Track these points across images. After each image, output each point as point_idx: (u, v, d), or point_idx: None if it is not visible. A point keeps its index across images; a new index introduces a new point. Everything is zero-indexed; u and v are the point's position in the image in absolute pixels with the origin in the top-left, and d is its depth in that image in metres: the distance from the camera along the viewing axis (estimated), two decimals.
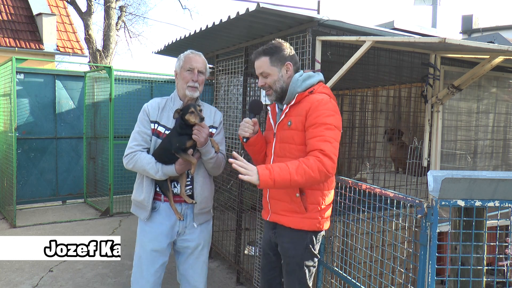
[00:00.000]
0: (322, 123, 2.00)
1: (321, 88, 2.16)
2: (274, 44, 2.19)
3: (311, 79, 2.16)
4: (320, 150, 1.94)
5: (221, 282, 3.91)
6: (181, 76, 2.42)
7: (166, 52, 4.68)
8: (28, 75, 6.46)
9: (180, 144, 2.26)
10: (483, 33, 13.96)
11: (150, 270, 2.43)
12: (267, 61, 2.17)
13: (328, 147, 1.95)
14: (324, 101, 2.05)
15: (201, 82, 2.43)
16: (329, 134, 1.98)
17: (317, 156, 1.93)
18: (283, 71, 2.17)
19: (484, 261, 1.98)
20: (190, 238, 2.49)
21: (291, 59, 2.19)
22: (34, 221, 5.82)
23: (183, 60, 2.43)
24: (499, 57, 2.83)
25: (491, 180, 1.81)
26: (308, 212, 2.12)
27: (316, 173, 1.91)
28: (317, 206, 2.13)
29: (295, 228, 2.14)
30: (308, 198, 2.12)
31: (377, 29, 2.92)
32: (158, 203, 2.44)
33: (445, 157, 3.58)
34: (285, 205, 2.16)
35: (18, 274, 3.98)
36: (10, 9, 10.82)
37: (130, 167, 2.39)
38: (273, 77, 2.17)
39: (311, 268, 2.21)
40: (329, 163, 1.93)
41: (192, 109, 2.24)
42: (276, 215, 2.23)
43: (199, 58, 2.43)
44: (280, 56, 2.17)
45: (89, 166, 6.93)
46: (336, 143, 2.00)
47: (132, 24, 19.60)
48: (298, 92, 2.13)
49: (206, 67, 2.47)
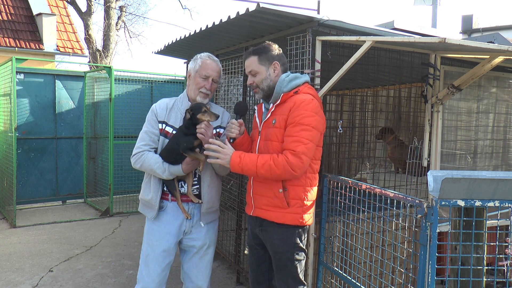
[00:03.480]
0: (300, 123, 2.09)
1: (306, 88, 2.23)
2: (263, 45, 2.31)
3: (297, 80, 2.24)
4: (292, 150, 2.06)
5: (221, 282, 3.91)
6: (194, 81, 2.43)
7: (166, 52, 4.67)
8: (28, 75, 6.46)
9: (187, 143, 2.29)
10: (483, 33, 13.96)
11: (156, 269, 2.44)
12: (256, 60, 2.27)
13: (300, 148, 2.05)
14: (306, 101, 2.12)
15: (213, 90, 2.46)
16: (304, 135, 2.07)
17: (286, 156, 2.06)
18: (270, 70, 2.27)
19: (484, 261, 1.98)
20: (196, 237, 2.50)
21: (279, 59, 2.28)
22: (34, 221, 5.83)
23: (199, 65, 2.41)
24: (499, 57, 2.82)
25: (491, 180, 1.81)
26: (291, 207, 2.20)
27: (281, 171, 2.05)
28: (299, 201, 2.20)
29: (278, 222, 2.22)
30: (290, 193, 2.19)
31: (377, 29, 2.92)
32: (166, 203, 2.46)
33: (445, 157, 3.58)
34: (268, 200, 2.23)
35: (18, 274, 3.98)
36: (10, 9, 10.82)
37: (138, 166, 2.41)
38: (261, 76, 2.27)
39: (301, 262, 2.29)
40: (297, 163, 2.05)
41: (204, 108, 2.29)
42: (260, 210, 2.30)
43: (216, 67, 2.44)
44: (268, 56, 2.27)
45: (89, 166, 6.93)
46: (310, 143, 2.08)
47: (132, 24, 19.64)
48: (284, 92, 2.21)
49: (220, 74, 2.49)
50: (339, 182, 2.66)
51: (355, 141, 4.98)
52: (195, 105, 2.32)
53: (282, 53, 2.34)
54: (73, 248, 4.75)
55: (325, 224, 2.79)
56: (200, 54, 2.47)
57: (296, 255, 2.24)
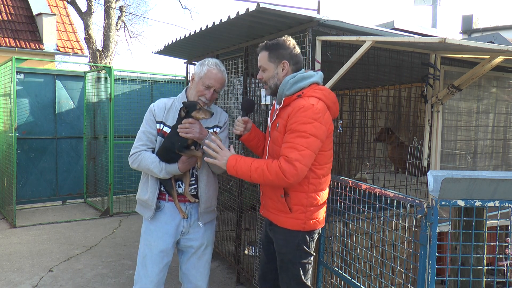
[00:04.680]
0: (296, 129, 2.01)
1: (311, 91, 2.10)
2: (278, 40, 2.20)
3: (302, 82, 2.13)
4: (286, 157, 1.99)
5: (221, 282, 3.91)
6: (196, 86, 2.42)
7: (166, 52, 4.67)
8: (28, 75, 6.46)
9: (182, 142, 2.28)
10: (483, 33, 13.96)
11: (155, 269, 2.43)
12: (266, 56, 2.20)
13: (294, 155, 1.98)
14: (305, 107, 2.01)
15: (212, 99, 2.45)
16: (299, 142, 1.99)
17: (280, 162, 2.00)
18: (278, 68, 2.18)
19: (484, 261, 1.98)
20: (194, 238, 2.50)
21: (290, 58, 2.17)
22: (34, 221, 5.83)
23: (205, 72, 2.38)
24: (499, 57, 2.82)
25: (491, 180, 1.81)
26: (293, 212, 2.16)
27: (273, 176, 2.00)
28: (301, 207, 2.15)
29: (281, 226, 2.20)
30: (292, 199, 2.15)
31: (377, 29, 2.91)
32: (163, 203, 2.45)
33: (445, 157, 3.58)
34: (274, 203, 2.23)
35: (18, 274, 3.98)
36: (10, 9, 10.82)
37: (135, 166, 2.41)
38: (269, 73, 2.21)
39: (306, 265, 2.23)
40: (290, 169, 1.97)
41: (199, 106, 2.28)
42: (268, 211, 2.31)
43: (221, 78, 2.41)
44: (278, 53, 2.17)
45: (89, 166, 6.93)
46: (306, 150, 1.99)
47: (132, 24, 19.64)
48: (286, 95, 2.12)
49: (224, 85, 2.47)
50: (339, 182, 2.66)
51: (355, 141, 4.98)
52: (189, 103, 2.30)
53: (297, 52, 2.21)
54: (73, 248, 4.75)
55: (325, 224, 2.79)
56: (209, 60, 2.43)
57: (299, 258, 2.20)
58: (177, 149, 2.29)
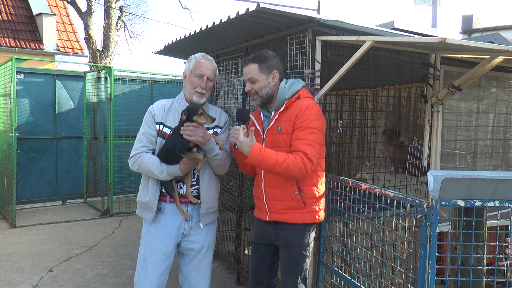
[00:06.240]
0: (307, 126, 2.20)
1: (305, 93, 2.36)
2: (263, 53, 2.37)
3: (296, 85, 2.35)
4: (305, 153, 2.16)
5: (221, 282, 3.91)
6: (189, 81, 2.43)
7: (166, 52, 4.67)
8: (28, 75, 6.46)
9: (183, 144, 2.26)
10: (483, 33, 13.96)
11: (155, 272, 2.41)
12: (256, 68, 2.33)
13: (311, 151, 2.18)
14: (311, 106, 2.25)
15: (209, 89, 2.44)
16: (312, 138, 2.20)
17: (303, 158, 2.16)
18: (269, 78, 2.34)
19: (484, 261, 1.98)
20: (195, 240, 2.48)
21: (277, 68, 2.36)
22: (34, 221, 5.83)
23: (193, 64, 2.42)
24: (499, 57, 2.82)
25: (491, 180, 1.81)
26: (307, 206, 2.30)
27: (297, 170, 2.15)
28: (314, 200, 2.32)
29: (295, 223, 2.30)
30: (305, 194, 2.29)
31: (377, 29, 2.91)
32: (164, 204, 2.43)
33: (445, 157, 3.58)
34: (285, 203, 2.31)
35: (18, 274, 3.98)
36: (10, 9, 10.82)
37: (136, 168, 2.39)
38: (260, 84, 2.33)
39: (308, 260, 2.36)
40: (310, 165, 2.18)
41: (201, 111, 2.27)
42: (276, 214, 2.34)
43: (210, 65, 2.43)
44: (268, 65, 2.34)
45: (89, 166, 6.93)
46: (318, 146, 2.22)
47: (132, 24, 19.64)
48: (287, 99, 2.31)
49: (216, 73, 2.48)
50: (339, 182, 2.66)
51: (355, 141, 4.98)
52: (192, 107, 2.29)
53: (279, 61, 2.40)
54: (73, 248, 4.75)
55: (325, 224, 2.79)
56: (194, 55, 2.47)
57: (309, 251, 2.33)
58: (178, 151, 2.27)
